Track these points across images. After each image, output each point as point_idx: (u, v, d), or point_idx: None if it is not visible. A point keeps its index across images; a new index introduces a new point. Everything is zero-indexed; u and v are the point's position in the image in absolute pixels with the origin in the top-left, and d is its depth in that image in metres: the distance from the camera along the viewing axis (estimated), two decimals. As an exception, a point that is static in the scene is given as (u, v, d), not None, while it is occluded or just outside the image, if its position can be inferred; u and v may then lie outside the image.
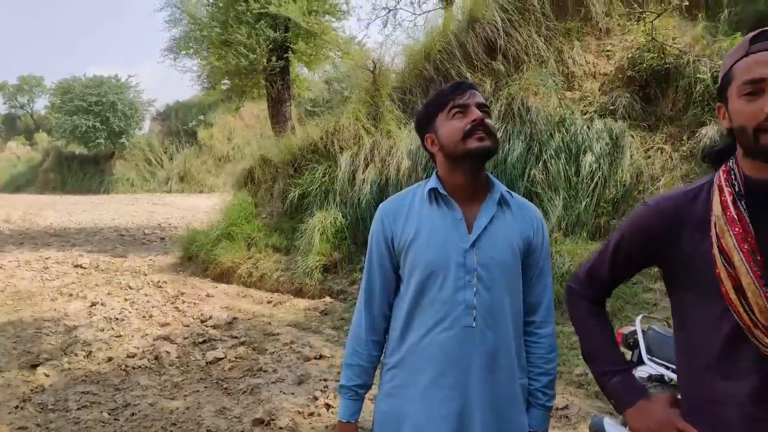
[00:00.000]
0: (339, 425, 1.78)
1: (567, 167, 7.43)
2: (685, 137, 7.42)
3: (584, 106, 8.23)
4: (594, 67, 8.62)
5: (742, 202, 1.21)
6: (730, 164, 1.27)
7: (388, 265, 1.76)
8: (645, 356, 2.79)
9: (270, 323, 6.48)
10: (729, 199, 1.22)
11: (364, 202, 7.92)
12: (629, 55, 8.15)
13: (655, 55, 7.84)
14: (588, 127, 7.68)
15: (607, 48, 8.61)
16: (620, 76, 8.26)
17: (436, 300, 1.64)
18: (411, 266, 1.68)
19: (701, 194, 1.30)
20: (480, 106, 1.67)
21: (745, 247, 1.17)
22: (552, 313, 1.79)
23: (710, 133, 6.94)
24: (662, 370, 2.65)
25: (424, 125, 1.77)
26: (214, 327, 6.26)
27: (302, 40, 11.42)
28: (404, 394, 1.68)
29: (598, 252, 1.49)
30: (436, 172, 1.76)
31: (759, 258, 1.17)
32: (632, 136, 7.61)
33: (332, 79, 28.09)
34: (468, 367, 1.62)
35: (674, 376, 2.57)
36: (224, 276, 8.90)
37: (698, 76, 7.36)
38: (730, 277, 1.19)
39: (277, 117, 10.81)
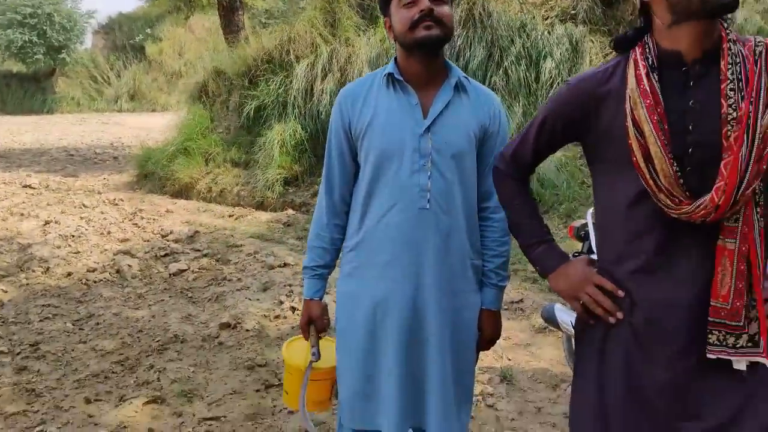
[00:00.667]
0: (305, 303, 1.86)
1: (527, 73, 7.40)
2: (643, 42, 7.44)
3: (545, 11, 8.10)
4: (557, -31, 8.40)
5: (655, 75, 1.25)
6: (646, 39, 1.30)
7: (347, 151, 1.78)
8: (594, 247, 2.90)
9: (232, 236, 6.47)
10: (643, 72, 1.25)
11: (323, 113, 7.77)
12: (591, -40, 7.95)
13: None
14: (549, 33, 7.61)
15: (570, -51, 8.37)
16: (582, -22, 8.10)
17: (392, 183, 1.68)
18: (367, 150, 1.71)
19: (617, 70, 1.33)
20: None
21: (655, 117, 1.23)
22: None
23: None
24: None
25: (383, 8, 1.74)
26: (176, 241, 6.21)
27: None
28: (363, 275, 1.75)
29: (522, 134, 1.51)
30: (395, 57, 1.75)
31: (666, 127, 1.23)
32: (592, 41, 7.59)
33: (287, -12, 26.70)
34: (422, 247, 1.68)
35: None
36: (183, 192, 8.76)
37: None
38: (641, 146, 1.25)
39: (230, 27, 10.25)
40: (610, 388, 1.37)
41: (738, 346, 1.25)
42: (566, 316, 2.81)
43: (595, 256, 2.81)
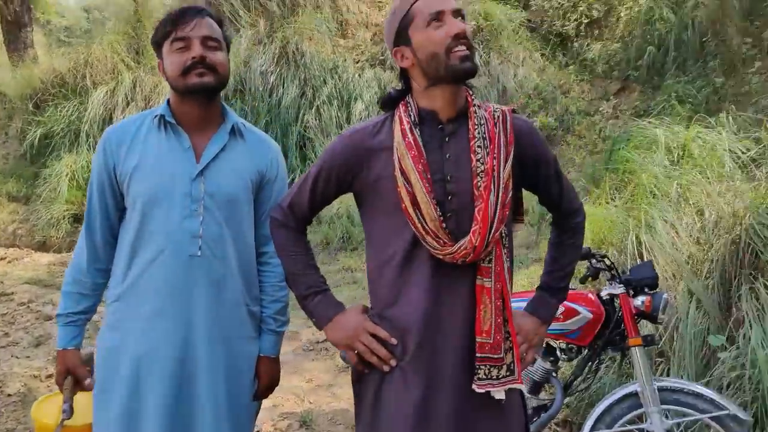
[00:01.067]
0: (58, 354, 1.67)
1: (339, 113, 7.70)
2: (442, 90, 8.19)
3: (356, 54, 8.56)
4: (367, 17, 8.95)
5: (417, 130, 1.40)
6: (408, 99, 1.46)
7: (109, 193, 1.67)
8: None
9: (2, 282, 5.70)
10: (407, 127, 1.40)
11: (125, 143, 7.30)
12: (397, 9, 8.62)
13: (419, 10, 8.42)
14: (359, 76, 8.02)
15: (379, 0, 9.00)
16: (388, 28, 8.73)
17: (161, 229, 1.60)
18: (135, 195, 1.62)
19: (385, 125, 1.47)
20: (205, 39, 1.60)
21: (419, 167, 1.37)
22: None
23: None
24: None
25: (156, 50, 1.68)
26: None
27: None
28: (126, 327, 1.62)
29: (298, 185, 1.57)
30: (168, 99, 1.70)
31: (429, 176, 1.38)
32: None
33: (92, 6, 24.83)
34: (193, 295, 1.60)
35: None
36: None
37: (457, 32, 8.11)
38: (408, 193, 1.37)
39: (15, 43, 9.20)
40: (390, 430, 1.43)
41: (499, 376, 1.41)
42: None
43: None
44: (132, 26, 8.05)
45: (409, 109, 1.43)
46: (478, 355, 1.39)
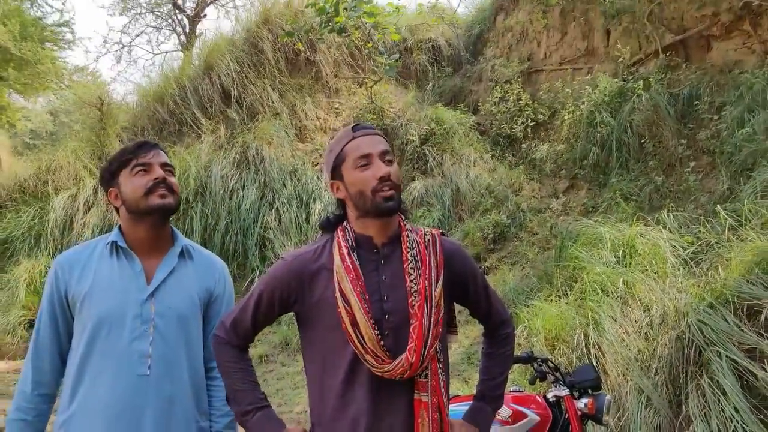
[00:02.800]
0: None
1: (298, 214, 7.81)
2: (399, 190, 8.43)
3: (315, 158, 8.82)
4: (324, 122, 9.33)
5: (354, 254, 1.49)
6: (345, 225, 1.56)
7: (60, 318, 1.71)
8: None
9: None
10: (345, 251, 1.49)
11: (82, 248, 7.21)
12: (354, 114, 9.03)
13: (376, 116, 8.84)
14: (318, 178, 8.23)
15: (336, 106, 9.42)
16: (347, 132, 9.08)
17: (110, 351, 1.63)
18: (86, 318, 1.66)
19: (325, 249, 1.55)
20: (163, 165, 1.75)
21: (358, 289, 1.45)
22: None
23: (419, 186, 7.99)
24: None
25: (108, 180, 1.78)
26: None
27: (13, 67, 10.09)
28: None
29: (242, 304, 1.62)
30: (119, 225, 1.78)
31: (367, 297, 1.45)
32: (356, 187, 8.36)
33: (59, 110, 25.27)
34: (142, 415, 1.62)
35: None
36: None
37: (409, 137, 8.49)
38: (348, 313, 1.44)
39: (-22, 150, 9.30)
40: None
41: None
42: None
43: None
44: (96, 133, 8.20)
45: (347, 234, 1.53)
46: None
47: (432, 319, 1.45)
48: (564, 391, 2.38)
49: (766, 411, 2.61)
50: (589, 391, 2.37)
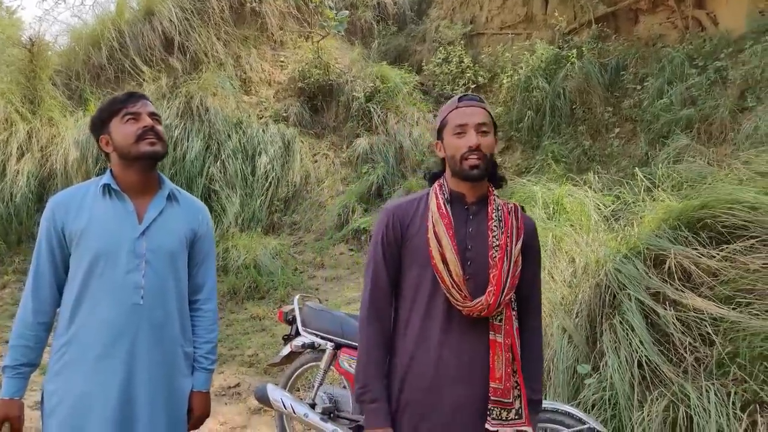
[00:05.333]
0: (3, 403, 1.81)
1: (244, 167, 7.89)
2: (344, 146, 8.62)
3: (260, 111, 8.84)
4: (269, 75, 9.31)
5: (448, 205, 1.76)
6: (442, 180, 1.82)
7: (58, 252, 1.88)
8: (301, 328, 3.30)
9: None
10: (441, 201, 1.76)
11: (19, 195, 7.04)
12: (300, 69, 9.05)
13: (321, 71, 8.90)
14: (263, 131, 8.28)
15: (281, 59, 9.40)
16: (292, 86, 9.13)
17: (107, 282, 1.82)
18: (82, 252, 1.84)
19: (423, 199, 1.82)
20: (151, 114, 1.90)
21: (450, 232, 1.71)
22: (214, 292, 2.09)
23: (363, 143, 8.21)
24: (313, 338, 3.20)
25: (99, 128, 1.93)
26: None
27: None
28: (73, 371, 1.81)
29: (368, 273, 1.81)
30: (111, 169, 1.93)
31: (455, 242, 1.71)
32: (302, 142, 8.50)
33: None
34: (135, 339, 1.83)
35: (323, 342, 3.14)
36: None
37: (354, 94, 8.64)
38: (439, 253, 1.70)
39: None
40: None
41: (509, 419, 1.70)
42: (278, 394, 3.08)
43: (303, 338, 3.21)
44: (26, 77, 7.85)
45: (444, 189, 1.79)
46: (491, 397, 1.69)
47: (510, 271, 1.70)
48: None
49: (665, 344, 3.10)
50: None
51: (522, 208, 1.87)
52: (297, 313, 3.35)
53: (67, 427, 1.77)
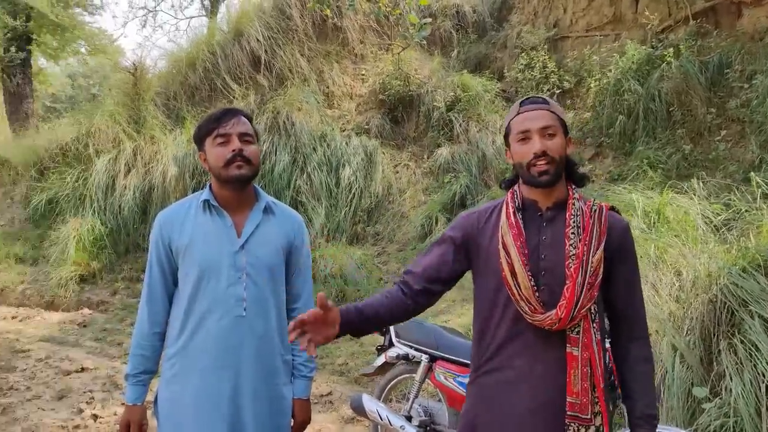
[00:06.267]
0: (127, 408, 1.94)
1: (328, 178, 8.03)
2: (425, 156, 8.59)
3: (343, 123, 8.99)
4: (351, 88, 9.45)
5: (519, 214, 1.68)
6: (515, 188, 1.75)
7: (167, 267, 1.97)
8: (395, 339, 3.28)
9: (18, 339, 5.78)
10: (511, 210, 1.68)
11: (126, 209, 7.52)
12: (380, 81, 9.13)
13: (402, 82, 8.93)
14: (346, 143, 8.41)
15: (362, 72, 9.52)
16: (373, 98, 9.22)
17: (211, 295, 1.89)
18: (188, 267, 1.92)
19: (497, 208, 1.76)
20: (242, 135, 1.92)
21: (518, 244, 1.63)
22: (312, 301, 2.10)
23: (444, 153, 8.16)
24: (408, 350, 3.17)
25: (198, 144, 2.01)
26: (-60, 351, 5.36)
27: (47, 32, 10.23)
28: (183, 380, 1.90)
29: (422, 254, 1.82)
30: (210, 184, 2.01)
31: (526, 252, 1.64)
32: (383, 153, 8.55)
33: (77, 73, 25.38)
34: (240, 350, 1.90)
35: (417, 354, 3.10)
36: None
37: (435, 104, 8.60)
38: (508, 263, 1.63)
39: (17, 114, 9.53)
40: None
41: None
42: (373, 404, 3.07)
43: (397, 349, 3.19)
44: (131, 99, 8.38)
45: (515, 196, 1.72)
46: (568, 412, 1.60)
47: (587, 282, 1.58)
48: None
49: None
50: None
51: (613, 207, 1.72)
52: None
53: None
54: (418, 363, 3.10)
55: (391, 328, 3.31)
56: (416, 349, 3.12)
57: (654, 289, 3.83)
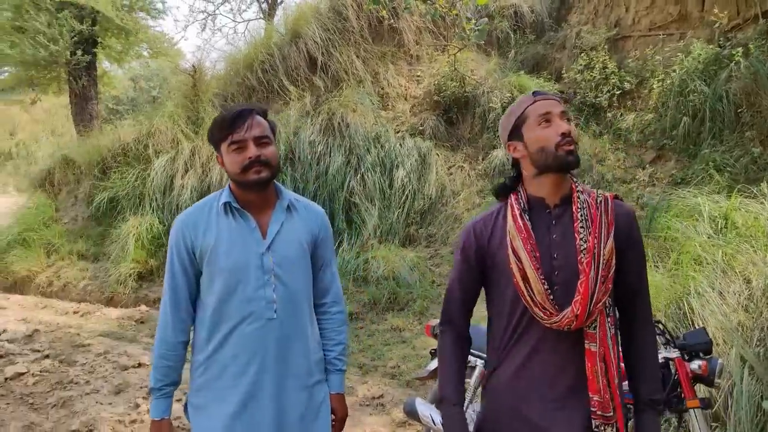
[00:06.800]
0: (153, 424, 1.88)
1: (382, 180, 8.04)
2: (480, 158, 8.50)
3: (397, 125, 8.99)
4: (406, 90, 9.45)
5: (526, 215, 1.64)
6: (518, 188, 1.71)
7: (191, 271, 1.89)
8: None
9: (79, 334, 6.04)
10: (518, 212, 1.64)
11: (183, 208, 7.73)
12: (435, 82, 9.09)
13: (457, 83, 8.87)
14: (400, 145, 8.40)
15: (417, 74, 9.51)
16: (428, 100, 9.19)
17: (241, 299, 1.83)
18: (213, 271, 1.85)
19: (501, 212, 1.72)
20: (258, 139, 1.82)
21: (528, 247, 1.60)
22: (340, 295, 2.10)
23: (500, 155, 8.06)
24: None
25: (215, 147, 1.92)
26: (10, 341, 5.66)
27: (112, 36, 10.70)
28: (216, 386, 1.85)
29: (448, 285, 1.83)
30: (229, 185, 1.92)
31: (537, 255, 1.60)
32: (437, 155, 8.50)
33: (139, 76, 26.37)
34: (274, 351, 1.85)
35: (472, 359, 3.07)
36: (18, 286, 8.03)
37: (491, 105, 8.50)
38: (519, 269, 1.59)
39: (82, 115, 10.01)
40: None
41: None
42: (426, 409, 3.03)
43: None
44: (190, 100, 8.65)
45: (520, 198, 1.68)
46: (592, 409, 1.57)
47: (600, 275, 1.55)
48: (675, 353, 2.49)
49: None
50: (701, 355, 2.48)
51: (617, 196, 1.68)
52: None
53: None
54: (474, 368, 3.06)
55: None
56: (471, 354, 3.08)
57: (722, 297, 3.66)
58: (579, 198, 1.64)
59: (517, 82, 8.57)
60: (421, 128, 8.85)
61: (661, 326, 2.60)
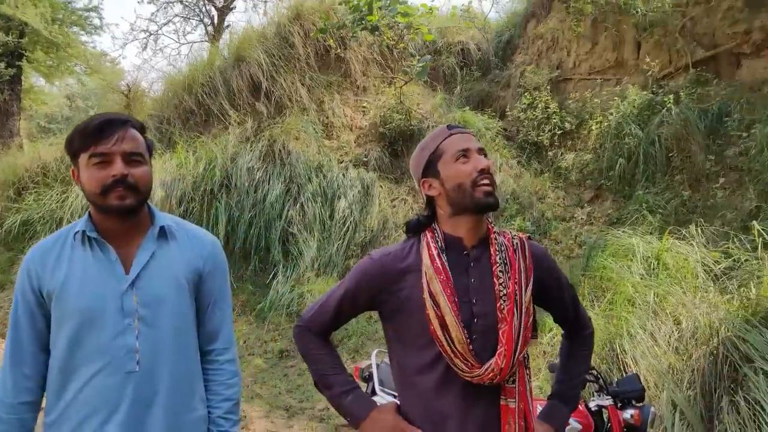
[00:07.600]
0: None
1: (322, 210, 7.85)
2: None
3: (341, 155, 8.87)
4: (351, 120, 9.37)
5: (444, 255, 1.49)
6: (434, 226, 1.56)
7: (40, 318, 1.56)
8: (378, 387, 3.08)
9: None
10: (435, 253, 1.49)
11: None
12: (381, 114, 9.06)
13: (403, 116, 8.87)
14: (343, 175, 8.26)
15: (363, 104, 9.47)
16: (373, 131, 9.13)
17: (93, 349, 1.50)
18: (62, 316, 1.52)
19: (412, 250, 1.55)
20: (128, 155, 1.51)
21: (448, 291, 1.44)
22: (232, 339, 1.75)
23: (442, 189, 8.03)
24: (391, 399, 2.98)
25: (71, 158, 1.57)
26: None
27: (41, 50, 10.20)
28: None
29: (323, 298, 1.65)
30: (89, 212, 1.60)
31: (456, 299, 1.45)
32: (381, 186, 8.41)
33: (75, 94, 25.43)
34: (135, 413, 1.51)
35: (381, 397, 2.91)
36: None
37: (434, 139, 8.50)
38: (437, 316, 1.44)
39: (1, 131, 9.42)
40: None
41: None
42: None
43: (380, 398, 3.00)
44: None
45: (436, 235, 1.53)
46: None
47: (522, 324, 1.44)
48: (608, 401, 2.41)
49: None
50: (633, 402, 2.41)
51: (530, 237, 1.60)
52: (374, 370, 3.14)
53: None
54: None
55: (375, 375, 3.12)
56: (384, 391, 2.93)
57: (653, 339, 3.65)
58: (497, 240, 1.53)
59: (462, 117, 8.64)
60: (365, 159, 8.76)
61: (594, 372, 2.52)
